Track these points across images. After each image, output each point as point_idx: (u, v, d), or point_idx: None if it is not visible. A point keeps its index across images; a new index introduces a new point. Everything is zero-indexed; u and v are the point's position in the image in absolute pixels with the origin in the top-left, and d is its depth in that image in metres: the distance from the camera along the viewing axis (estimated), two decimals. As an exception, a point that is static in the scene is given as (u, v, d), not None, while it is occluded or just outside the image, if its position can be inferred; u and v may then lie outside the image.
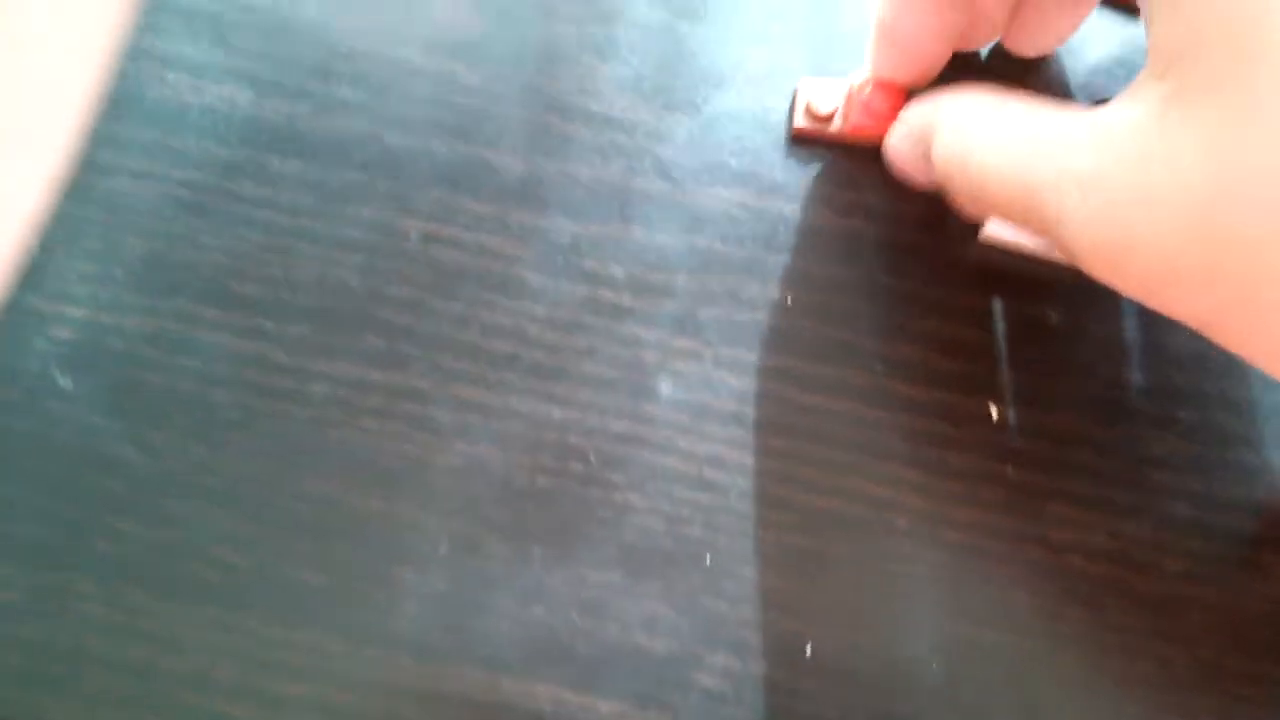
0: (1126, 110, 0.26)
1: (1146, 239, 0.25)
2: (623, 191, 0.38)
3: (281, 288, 0.37)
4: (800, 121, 0.38)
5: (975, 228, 0.38)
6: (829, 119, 0.38)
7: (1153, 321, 0.38)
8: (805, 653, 0.35)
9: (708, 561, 0.35)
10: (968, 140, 0.32)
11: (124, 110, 0.37)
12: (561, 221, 0.38)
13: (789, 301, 0.38)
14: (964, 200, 0.33)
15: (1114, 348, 0.38)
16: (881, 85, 0.38)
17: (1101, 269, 0.27)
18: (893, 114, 0.37)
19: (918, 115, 0.36)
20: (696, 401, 0.37)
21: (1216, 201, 0.24)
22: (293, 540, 0.35)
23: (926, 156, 0.34)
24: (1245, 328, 0.26)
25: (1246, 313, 0.25)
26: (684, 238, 0.38)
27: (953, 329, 0.38)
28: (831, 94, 0.38)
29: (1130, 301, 0.38)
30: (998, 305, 0.38)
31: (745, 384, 0.37)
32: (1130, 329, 0.38)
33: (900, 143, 0.37)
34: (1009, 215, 0.31)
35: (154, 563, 0.34)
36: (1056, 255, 0.37)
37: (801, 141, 0.39)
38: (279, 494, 0.35)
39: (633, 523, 0.36)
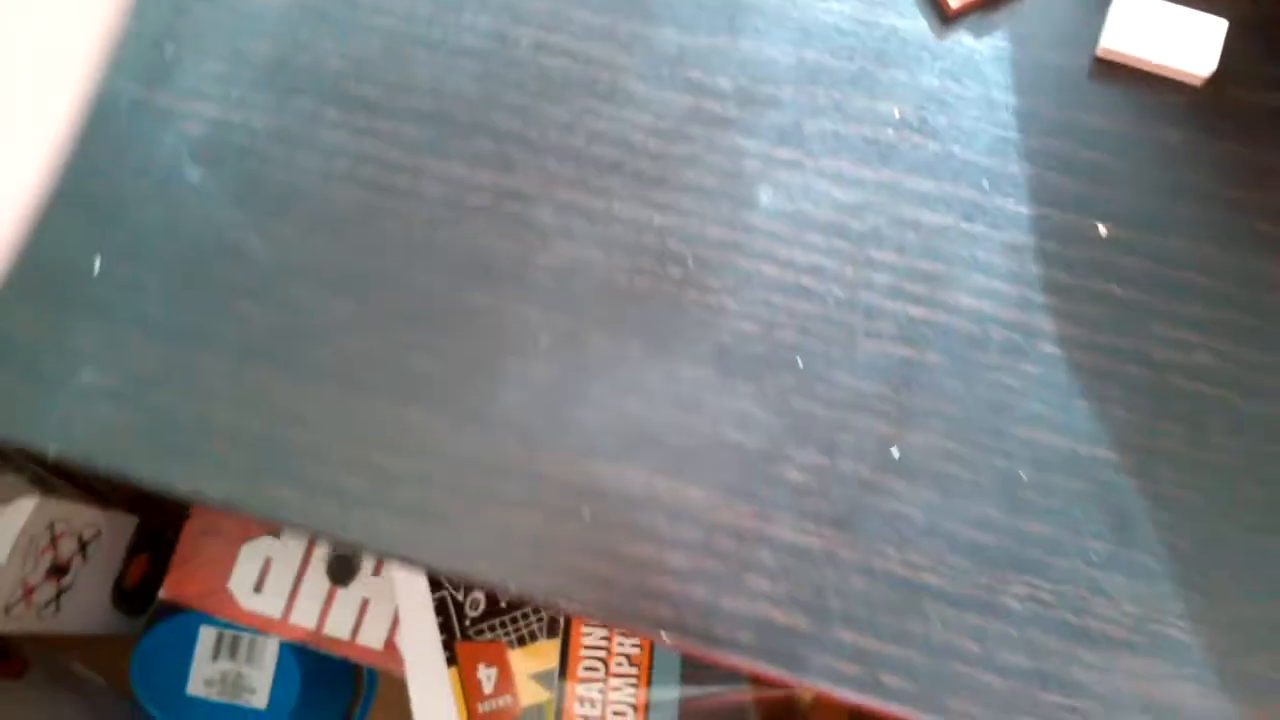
0: None
1: None
2: (731, 3, 0.38)
3: (399, 92, 0.38)
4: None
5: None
6: None
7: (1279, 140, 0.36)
8: (893, 454, 0.35)
9: (800, 365, 0.36)
10: None
11: (253, -83, 0.39)
12: (669, 32, 0.38)
13: (897, 115, 0.37)
14: None
15: (1237, 168, 0.36)
16: None
17: None
18: None
19: None
20: (797, 212, 0.37)
21: None
22: (405, 328, 0.36)
23: None
24: None
25: None
26: (792, 50, 0.38)
27: (1067, 148, 0.37)
28: None
29: (1260, 117, 0.36)
30: (1116, 125, 0.37)
31: (848, 196, 0.37)
32: (1257, 148, 0.36)
33: None
34: None
35: (276, 343, 0.36)
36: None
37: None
38: (393, 285, 0.37)
39: (728, 325, 0.36)
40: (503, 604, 0.76)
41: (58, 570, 0.83)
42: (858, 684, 0.33)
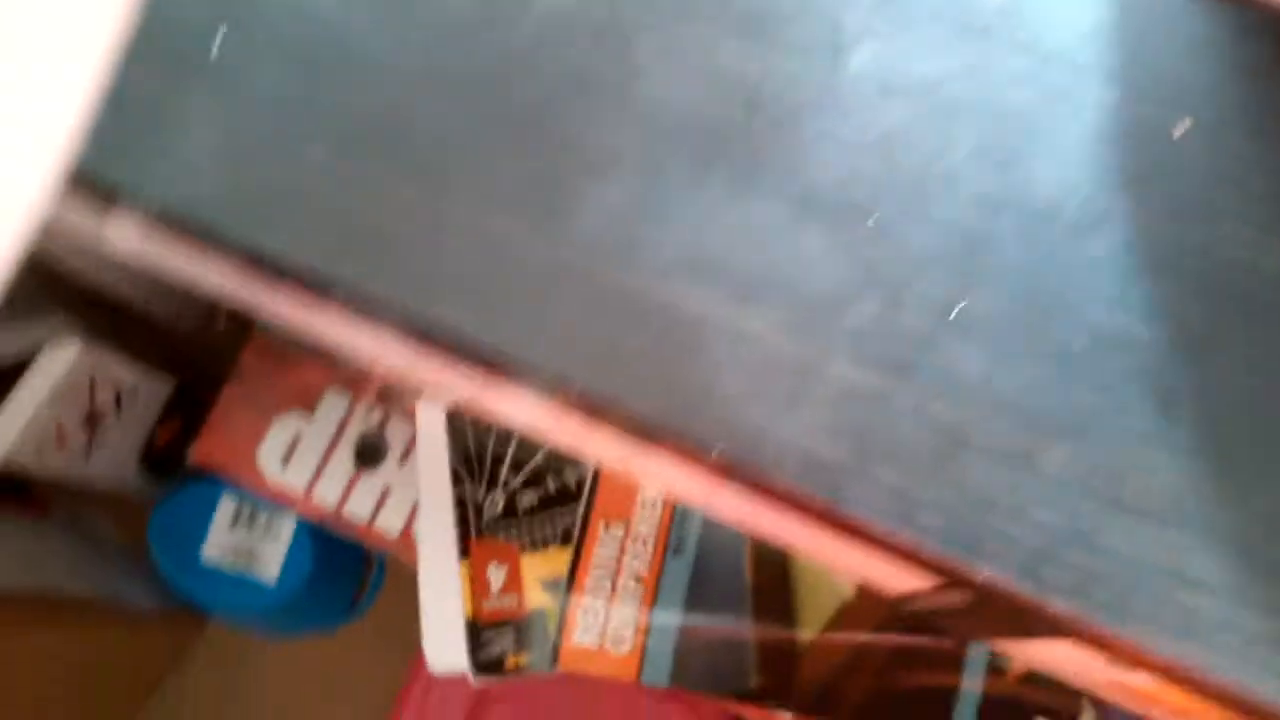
0: None
1: None
2: None
3: (517, -86, 0.39)
4: None
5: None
6: None
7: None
8: (951, 315, 0.36)
9: (870, 223, 0.37)
10: None
11: None
12: (786, -110, 0.39)
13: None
14: None
15: (1319, 85, 0.37)
16: None
17: None
18: None
19: None
20: (888, 78, 0.38)
21: None
22: (498, 136, 0.38)
23: None
24: None
25: None
26: (902, -78, 0.39)
27: (1155, 50, 0.38)
28: None
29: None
30: (1207, 35, 0.38)
31: (937, 69, 0.38)
32: (1340, 68, 0.37)
33: None
34: None
35: (374, 135, 0.38)
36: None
37: None
38: (492, 95, 0.38)
39: (805, 176, 0.37)
40: (520, 510, 0.77)
41: (91, 419, 0.85)
42: (894, 518, 0.34)
